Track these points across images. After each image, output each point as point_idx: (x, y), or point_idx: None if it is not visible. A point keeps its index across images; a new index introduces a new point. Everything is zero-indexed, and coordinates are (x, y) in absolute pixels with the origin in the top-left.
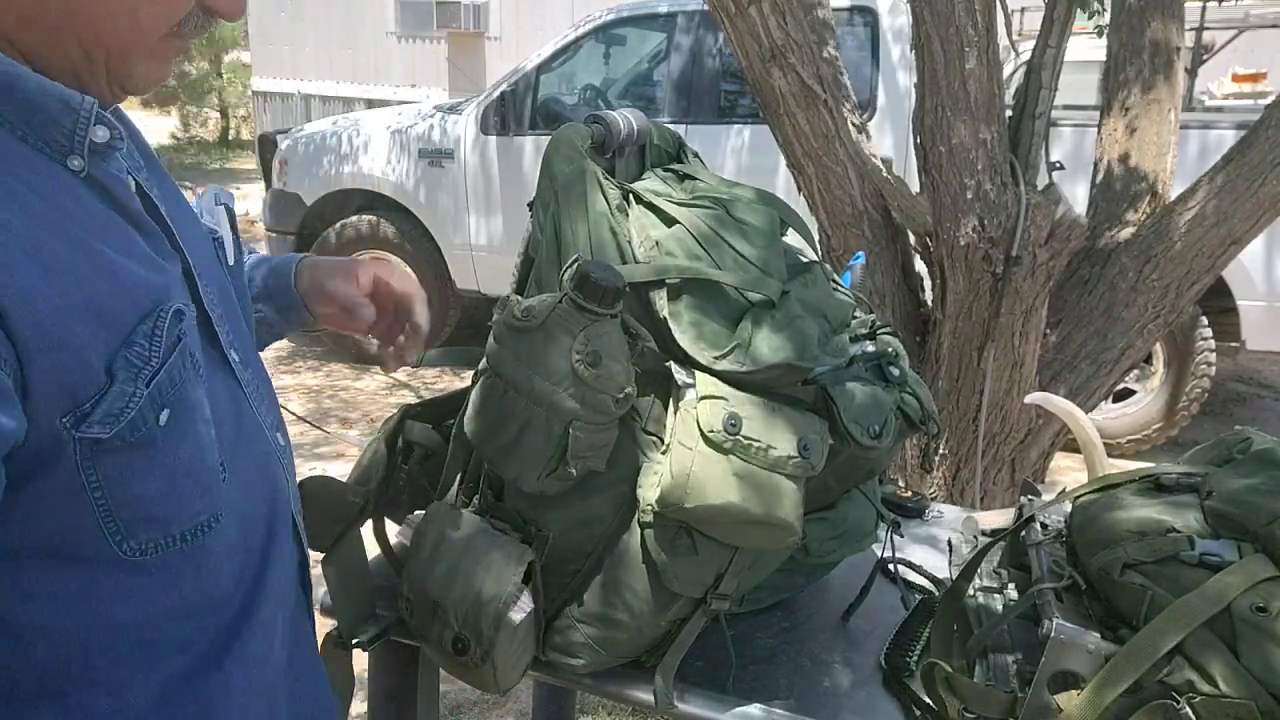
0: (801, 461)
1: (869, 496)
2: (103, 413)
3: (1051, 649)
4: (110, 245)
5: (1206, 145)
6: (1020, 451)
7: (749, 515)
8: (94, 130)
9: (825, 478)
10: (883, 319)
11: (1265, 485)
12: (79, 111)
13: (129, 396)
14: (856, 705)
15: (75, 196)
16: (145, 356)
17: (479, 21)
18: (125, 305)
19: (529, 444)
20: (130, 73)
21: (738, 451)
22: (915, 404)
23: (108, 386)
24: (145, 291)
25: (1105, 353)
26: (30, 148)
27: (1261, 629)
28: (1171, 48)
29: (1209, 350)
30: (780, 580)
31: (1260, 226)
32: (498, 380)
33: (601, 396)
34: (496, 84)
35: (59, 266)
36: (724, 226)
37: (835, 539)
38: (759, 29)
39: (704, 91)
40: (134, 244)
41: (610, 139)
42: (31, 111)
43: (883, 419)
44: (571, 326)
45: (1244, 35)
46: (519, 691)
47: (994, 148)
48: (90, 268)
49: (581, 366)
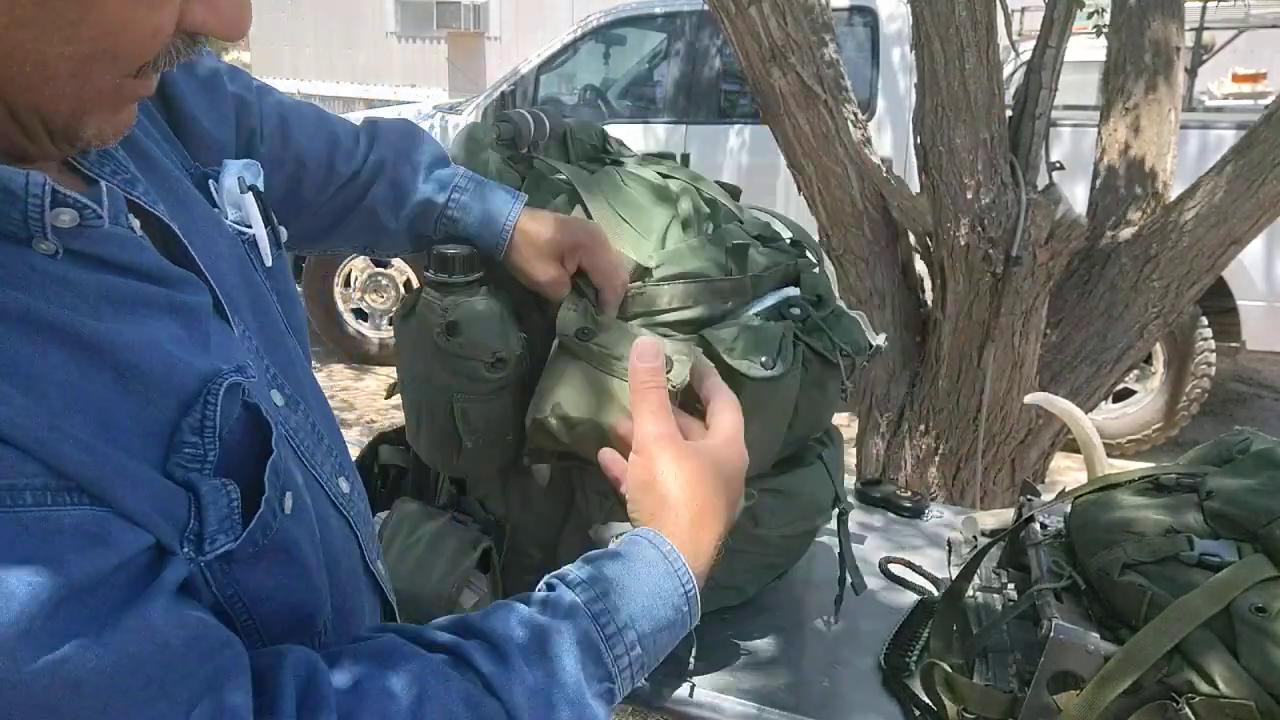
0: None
1: (830, 470)
2: (216, 521)
3: (1051, 649)
4: (112, 330)
5: (1206, 145)
6: (1020, 451)
7: (600, 424)
8: (54, 215)
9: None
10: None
11: (1265, 485)
12: (25, 198)
13: (225, 496)
14: (856, 705)
15: (55, 277)
16: (200, 455)
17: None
18: (156, 403)
19: (431, 427)
20: (79, 133)
21: (586, 357)
22: (828, 342)
23: (195, 496)
24: (178, 378)
25: (1105, 353)
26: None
27: (1261, 629)
28: (1171, 48)
29: (1209, 350)
30: (742, 572)
31: (1260, 226)
32: (400, 376)
33: (470, 364)
34: (496, 84)
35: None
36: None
37: (787, 510)
38: (759, 29)
39: (704, 91)
40: (150, 309)
41: (520, 136)
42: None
43: (773, 349)
44: (434, 304)
45: (1244, 35)
46: None
47: (994, 148)
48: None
49: (441, 339)
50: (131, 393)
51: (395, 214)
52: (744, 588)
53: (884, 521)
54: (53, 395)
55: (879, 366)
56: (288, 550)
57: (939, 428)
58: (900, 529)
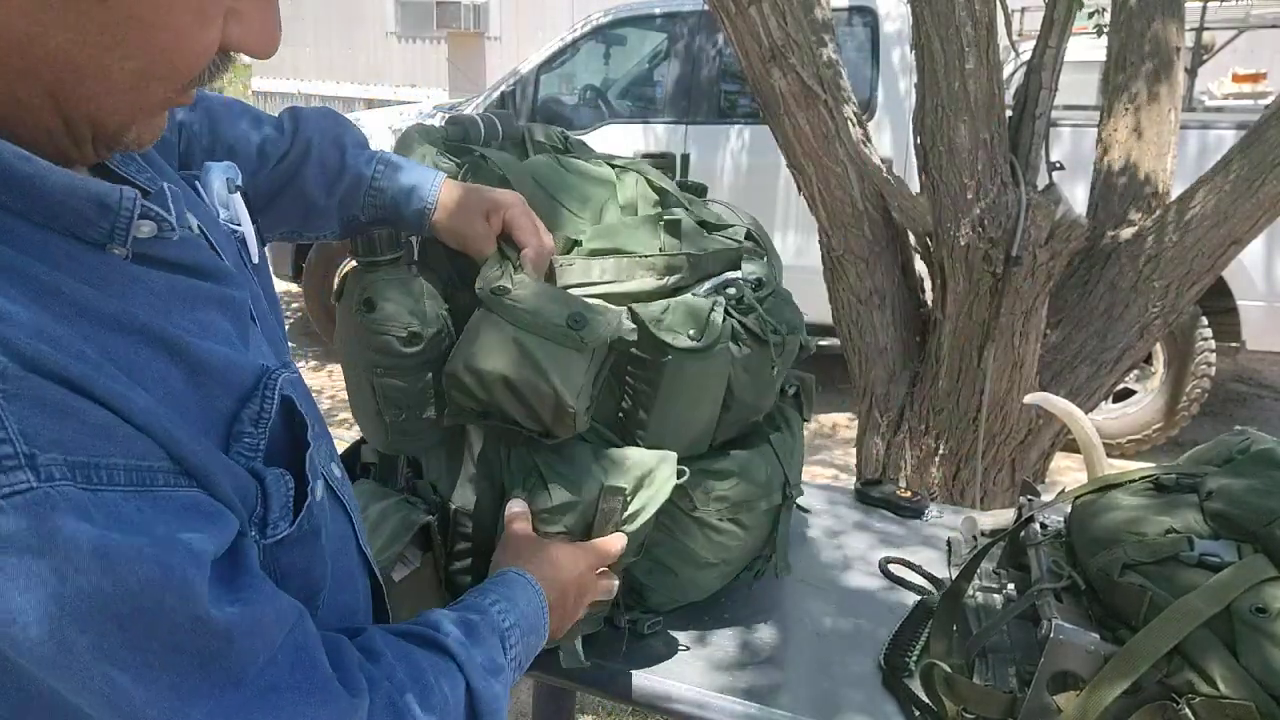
0: (568, 331)
1: (779, 455)
2: (278, 508)
3: (1051, 649)
4: (183, 325)
5: (1206, 145)
6: (1020, 451)
7: (506, 376)
8: (138, 226)
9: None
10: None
11: (1265, 486)
12: (117, 211)
13: (284, 484)
14: (856, 705)
15: (131, 276)
16: (255, 445)
17: (479, 21)
18: (218, 395)
19: (360, 405)
20: (122, 139)
21: (501, 312)
22: (760, 321)
23: (260, 484)
24: (238, 371)
25: (1105, 353)
26: (59, 235)
27: (1261, 630)
28: (1171, 48)
29: (1209, 350)
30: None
31: (1260, 226)
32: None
33: (383, 338)
34: (496, 84)
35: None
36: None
37: (729, 492)
38: (759, 29)
39: (704, 91)
40: (208, 304)
41: (468, 138)
42: (61, 213)
43: (701, 322)
44: (355, 284)
45: (1244, 35)
46: (519, 691)
47: (994, 148)
48: (173, 367)
49: (359, 315)
50: (200, 386)
51: (324, 192)
52: (705, 584)
53: (884, 521)
54: (153, 390)
55: (879, 366)
56: (316, 534)
57: (939, 428)
58: (900, 529)
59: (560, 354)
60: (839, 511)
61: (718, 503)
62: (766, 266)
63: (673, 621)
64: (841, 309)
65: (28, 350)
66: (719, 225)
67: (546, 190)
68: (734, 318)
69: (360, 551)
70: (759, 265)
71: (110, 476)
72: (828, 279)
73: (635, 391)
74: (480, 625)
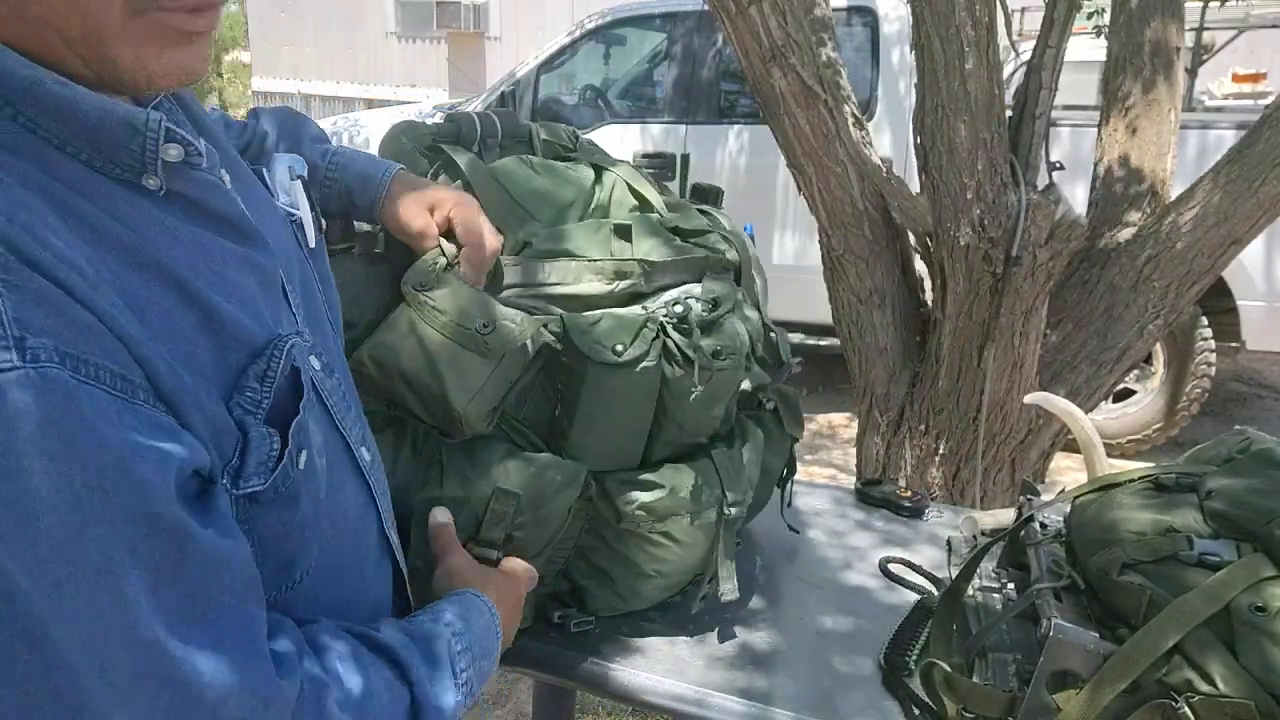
0: (474, 335)
1: (718, 470)
2: (254, 463)
3: (1050, 648)
4: (203, 276)
5: (1206, 145)
6: (1020, 451)
7: (402, 368)
8: (165, 149)
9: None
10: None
11: (1265, 485)
12: (144, 132)
13: (269, 440)
14: (856, 705)
15: (158, 221)
16: (256, 401)
17: (479, 21)
18: (230, 347)
19: None
20: (116, 66)
21: (415, 307)
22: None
23: (243, 437)
24: (252, 327)
25: (1105, 353)
26: (100, 174)
27: (1260, 629)
28: (1171, 48)
29: (1209, 350)
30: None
31: (1260, 226)
32: None
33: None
34: (496, 84)
35: (154, 311)
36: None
37: (658, 506)
38: (759, 29)
39: (704, 91)
40: (233, 263)
41: (462, 135)
42: (97, 135)
43: (628, 338)
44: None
45: (1244, 35)
46: (519, 691)
47: (994, 148)
48: (183, 309)
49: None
50: (212, 333)
51: None
52: (644, 594)
53: (884, 521)
54: (154, 322)
55: (879, 366)
56: (294, 501)
57: (939, 428)
58: (900, 529)
59: (462, 356)
60: (839, 511)
61: (640, 512)
62: (728, 285)
63: (673, 620)
64: (841, 309)
65: (30, 251)
66: (695, 232)
67: (508, 191)
68: (669, 338)
69: (384, 536)
70: (721, 284)
71: (98, 375)
72: (828, 279)
73: (562, 399)
74: (436, 643)
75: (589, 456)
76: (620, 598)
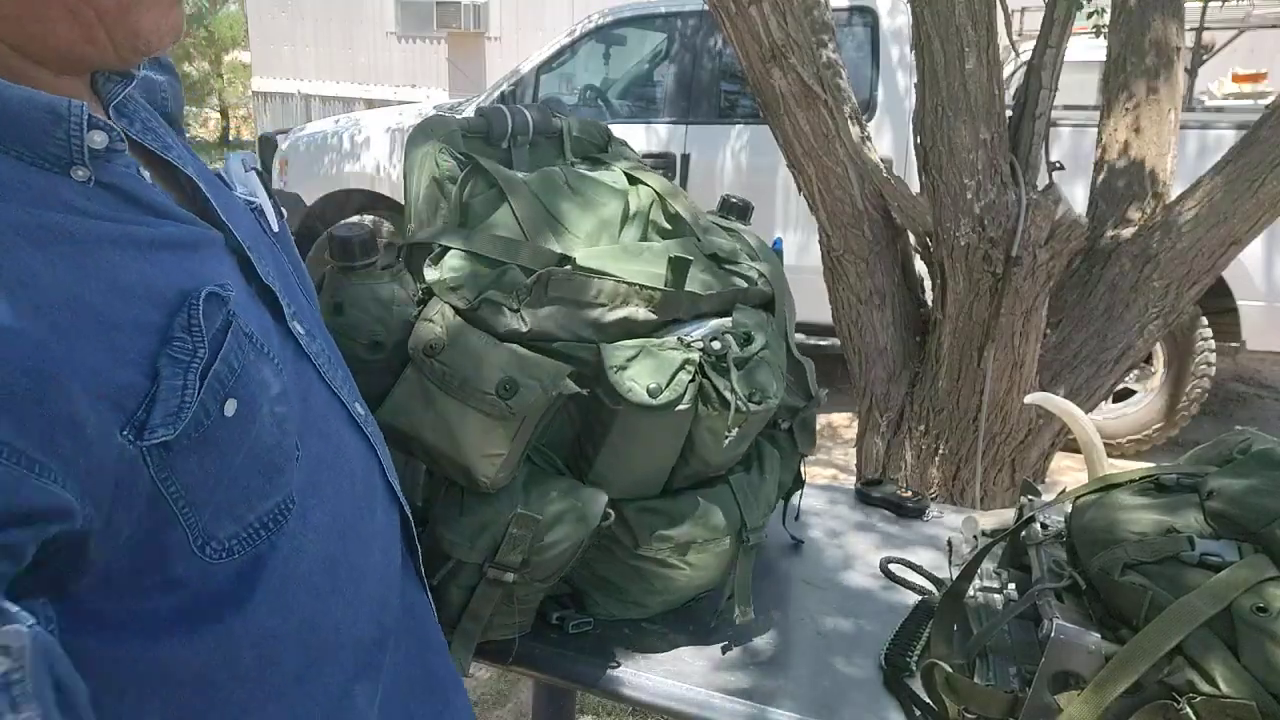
0: (495, 400)
1: (737, 496)
2: (161, 415)
3: (1052, 649)
4: (123, 249)
5: (1206, 145)
6: (1020, 451)
7: (424, 441)
8: (89, 136)
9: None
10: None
11: (1265, 485)
12: (68, 119)
13: (181, 392)
14: (857, 705)
15: (80, 209)
16: (190, 349)
17: (479, 21)
18: (142, 308)
19: None
20: (136, 28)
21: (429, 374)
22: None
23: (153, 388)
24: (166, 287)
25: (1105, 353)
26: (28, 165)
27: (1262, 629)
28: (1171, 48)
29: (1209, 350)
30: (646, 594)
31: (1260, 226)
32: None
33: (350, 344)
34: (496, 84)
35: (42, 292)
36: (555, 193)
37: (678, 532)
38: (759, 29)
39: (704, 91)
40: (157, 238)
41: (492, 131)
42: (21, 127)
43: (665, 377)
44: (329, 286)
45: (1244, 35)
46: (519, 691)
47: (994, 148)
48: (85, 283)
49: (328, 318)
50: (129, 301)
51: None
52: (649, 605)
53: (884, 521)
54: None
55: (879, 366)
56: (220, 449)
57: (939, 428)
58: (900, 529)
59: (483, 423)
60: (839, 511)
61: (659, 543)
62: (760, 316)
63: (673, 620)
64: (841, 309)
65: None
66: (726, 259)
67: (544, 204)
68: (706, 378)
69: (387, 483)
70: (752, 315)
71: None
72: (828, 279)
73: (589, 427)
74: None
75: (611, 487)
76: (624, 607)
